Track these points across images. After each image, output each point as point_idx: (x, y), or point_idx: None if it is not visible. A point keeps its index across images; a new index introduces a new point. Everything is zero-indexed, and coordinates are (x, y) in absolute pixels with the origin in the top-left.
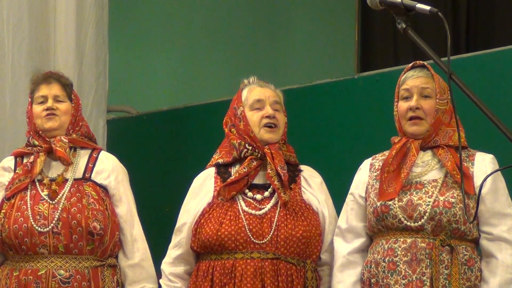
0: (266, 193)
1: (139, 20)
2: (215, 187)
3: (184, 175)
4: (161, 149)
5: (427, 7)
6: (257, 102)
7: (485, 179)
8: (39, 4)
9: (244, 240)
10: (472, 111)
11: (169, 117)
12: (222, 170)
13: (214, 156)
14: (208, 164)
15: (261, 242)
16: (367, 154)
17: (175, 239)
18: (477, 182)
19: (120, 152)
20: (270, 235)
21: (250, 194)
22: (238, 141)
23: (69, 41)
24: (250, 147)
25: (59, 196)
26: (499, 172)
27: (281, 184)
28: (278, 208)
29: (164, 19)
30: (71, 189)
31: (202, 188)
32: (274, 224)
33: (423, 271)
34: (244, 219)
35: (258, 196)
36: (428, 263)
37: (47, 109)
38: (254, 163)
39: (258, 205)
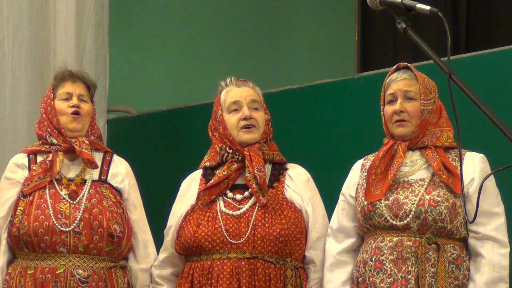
0: (246, 193)
1: (139, 20)
2: (199, 189)
3: (183, 175)
4: (161, 149)
5: (427, 7)
6: (233, 104)
7: (484, 179)
8: (39, 4)
9: (220, 240)
10: (472, 111)
11: (169, 117)
12: (208, 172)
13: (204, 158)
14: (199, 166)
15: (238, 242)
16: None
17: (164, 242)
18: (465, 181)
19: (120, 152)
20: (246, 235)
21: (230, 194)
22: (220, 145)
23: (69, 41)
24: (230, 151)
25: (79, 197)
26: (488, 171)
27: (259, 187)
28: (257, 207)
29: (164, 19)
30: (90, 190)
31: (188, 191)
32: (251, 223)
33: (409, 269)
34: (221, 220)
35: (238, 196)
36: (414, 262)
37: (72, 106)
38: (235, 165)
39: (237, 205)
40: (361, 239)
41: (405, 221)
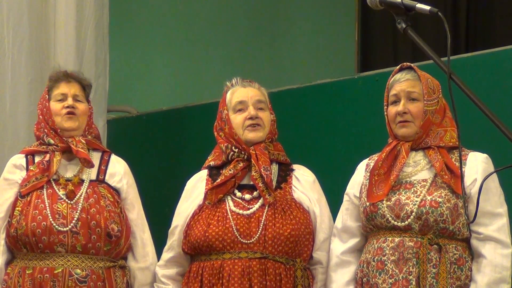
0: (255, 193)
1: (139, 20)
2: (206, 189)
3: (184, 175)
4: (161, 149)
5: (427, 7)
6: (239, 104)
7: (484, 179)
8: (39, 4)
9: (231, 240)
10: (472, 111)
11: (169, 117)
12: (214, 172)
13: (208, 158)
14: (202, 166)
15: (249, 241)
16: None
17: (168, 241)
18: (467, 182)
19: (120, 152)
20: (257, 235)
21: (239, 194)
22: (225, 144)
23: (69, 41)
24: (236, 150)
25: (77, 197)
26: (491, 171)
27: (265, 186)
28: (266, 207)
29: (164, 19)
30: (88, 190)
31: (194, 191)
32: (262, 223)
33: (410, 270)
34: (231, 219)
35: (247, 196)
36: (415, 262)
37: (67, 107)
38: (241, 164)
39: (246, 205)
40: (365, 238)
41: (406, 222)
